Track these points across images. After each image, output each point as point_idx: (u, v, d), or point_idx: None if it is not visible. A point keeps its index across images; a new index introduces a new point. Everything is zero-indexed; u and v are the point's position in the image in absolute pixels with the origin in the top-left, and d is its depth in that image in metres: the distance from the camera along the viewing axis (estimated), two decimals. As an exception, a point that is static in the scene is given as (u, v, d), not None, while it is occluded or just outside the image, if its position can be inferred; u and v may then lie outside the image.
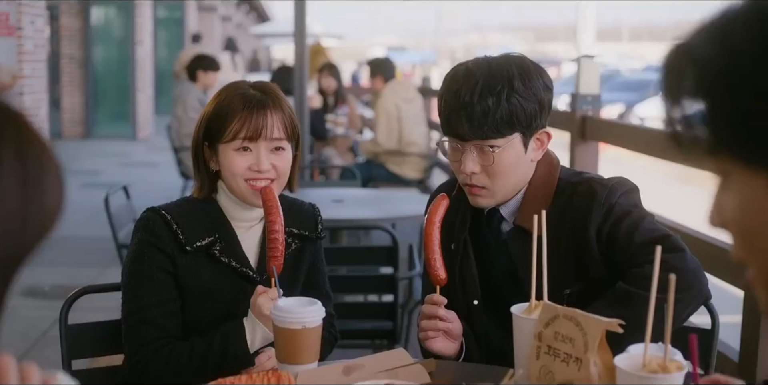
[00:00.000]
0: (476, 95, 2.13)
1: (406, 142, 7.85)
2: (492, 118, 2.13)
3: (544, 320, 1.71)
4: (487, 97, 2.13)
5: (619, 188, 2.18)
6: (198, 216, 2.29)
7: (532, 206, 2.21)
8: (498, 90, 2.14)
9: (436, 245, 2.16)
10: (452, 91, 2.18)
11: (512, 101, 2.14)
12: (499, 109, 2.13)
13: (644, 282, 1.96)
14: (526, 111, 2.16)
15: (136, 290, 2.24)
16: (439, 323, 2.16)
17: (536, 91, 2.18)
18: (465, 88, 2.15)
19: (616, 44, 76.56)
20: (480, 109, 2.12)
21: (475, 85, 2.14)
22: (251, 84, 2.33)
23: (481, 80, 2.15)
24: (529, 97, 2.16)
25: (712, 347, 2.33)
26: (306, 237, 2.43)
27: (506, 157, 2.19)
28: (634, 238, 2.11)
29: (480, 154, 2.19)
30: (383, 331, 3.66)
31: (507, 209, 2.29)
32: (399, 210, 4.58)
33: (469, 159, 2.19)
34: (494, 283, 2.33)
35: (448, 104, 2.19)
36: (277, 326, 1.87)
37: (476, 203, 2.26)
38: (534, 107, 2.17)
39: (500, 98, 2.13)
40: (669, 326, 1.48)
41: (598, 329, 1.61)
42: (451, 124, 2.19)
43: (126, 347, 2.25)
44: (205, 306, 2.27)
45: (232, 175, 2.26)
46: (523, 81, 2.16)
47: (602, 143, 4.95)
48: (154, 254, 2.24)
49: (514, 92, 2.14)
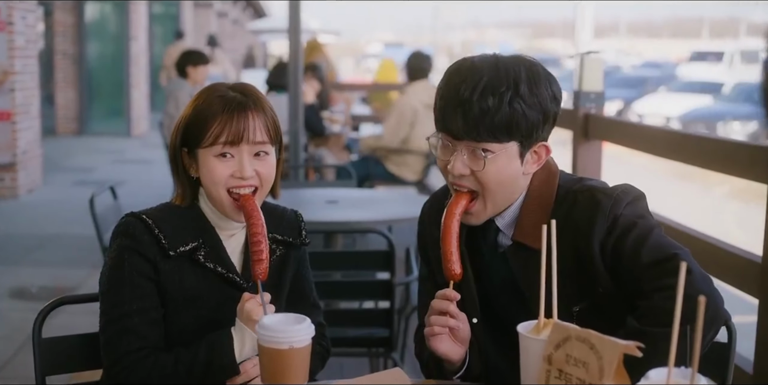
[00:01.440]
0: (477, 92, 1.96)
1: (410, 143, 7.66)
2: (490, 119, 1.96)
3: (555, 342, 1.56)
4: (488, 96, 1.96)
5: (624, 197, 2.01)
6: (180, 221, 2.17)
7: (531, 219, 2.06)
8: (501, 91, 1.97)
9: (455, 238, 2.01)
10: (452, 84, 2.01)
11: (514, 106, 1.97)
12: (499, 111, 1.96)
13: (655, 317, 1.85)
14: (528, 119, 1.98)
15: (116, 298, 2.10)
16: (450, 320, 2.00)
17: (542, 100, 2.00)
18: (466, 83, 1.98)
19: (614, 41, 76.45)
20: (478, 107, 1.96)
21: (477, 82, 1.97)
22: (230, 85, 2.20)
23: (485, 77, 1.98)
24: (533, 105, 1.99)
25: (729, 361, 2.19)
26: (290, 243, 2.31)
27: (499, 165, 2.01)
28: (641, 257, 1.94)
29: (471, 157, 2.02)
30: (379, 339, 3.54)
31: (503, 220, 2.12)
32: (395, 212, 4.44)
33: (459, 160, 2.02)
34: (492, 298, 2.17)
35: (445, 98, 2.03)
36: (263, 345, 1.72)
37: (468, 221, 2.08)
38: (537, 117, 2.00)
39: (502, 100, 1.96)
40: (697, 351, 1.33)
41: (614, 353, 1.46)
42: (445, 119, 2.02)
43: (105, 359, 2.11)
44: (188, 314, 2.15)
45: (213, 183, 2.13)
46: (530, 87, 1.99)
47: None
48: (134, 260, 2.11)
49: (518, 97, 1.97)
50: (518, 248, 2.09)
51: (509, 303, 2.13)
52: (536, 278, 1.78)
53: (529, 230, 2.06)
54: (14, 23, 9.95)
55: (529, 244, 2.05)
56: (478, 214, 2.07)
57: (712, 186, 13.52)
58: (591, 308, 2.01)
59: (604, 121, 4.71)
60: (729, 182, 12.55)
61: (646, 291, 1.91)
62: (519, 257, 2.08)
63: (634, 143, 4.33)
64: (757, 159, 3.12)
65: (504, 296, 2.14)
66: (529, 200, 2.10)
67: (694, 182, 13.68)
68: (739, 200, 12.98)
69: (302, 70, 6.35)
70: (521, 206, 2.10)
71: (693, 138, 3.77)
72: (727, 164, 3.38)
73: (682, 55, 45.51)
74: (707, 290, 1.88)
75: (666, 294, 1.87)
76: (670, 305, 1.80)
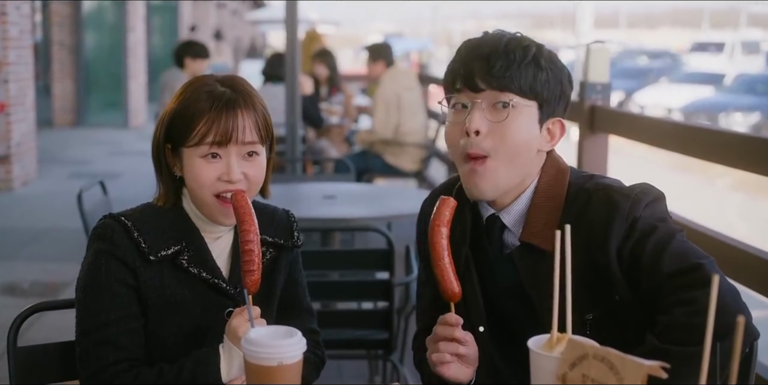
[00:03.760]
0: (501, 46, 1.88)
1: (404, 131, 7.62)
2: (516, 67, 1.87)
3: (570, 360, 1.41)
4: (514, 48, 1.88)
5: (643, 198, 1.86)
6: (162, 223, 2.01)
7: (540, 217, 1.92)
8: (526, 45, 1.90)
9: (446, 254, 1.83)
10: (471, 46, 1.93)
11: (540, 62, 1.90)
12: (524, 61, 1.88)
13: (677, 334, 1.71)
14: (549, 83, 1.91)
15: (93, 306, 1.96)
16: (460, 348, 1.84)
17: (560, 72, 1.94)
18: (487, 43, 1.91)
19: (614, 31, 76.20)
20: (505, 56, 1.87)
21: (499, 40, 1.90)
22: (219, 79, 2.03)
23: (505, 38, 1.91)
24: (554, 70, 1.92)
25: (750, 371, 2.05)
26: (281, 246, 2.15)
27: (519, 122, 1.89)
28: (662, 265, 1.79)
29: (491, 110, 1.89)
30: (378, 340, 3.41)
31: (509, 216, 1.97)
32: (395, 208, 4.30)
33: (477, 112, 1.88)
34: (497, 303, 2.01)
35: (462, 57, 1.92)
36: (249, 362, 1.57)
37: (474, 183, 1.91)
38: (557, 85, 1.92)
39: (527, 53, 1.89)
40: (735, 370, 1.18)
41: (637, 375, 1.31)
42: (464, 74, 1.90)
43: (81, 372, 1.96)
44: (171, 322, 2.00)
45: (198, 186, 1.97)
46: (551, 55, 1.93)
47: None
48: (112, 265, 1.96)
49: (542, 56, 1.90)
50: (526, 249, 1.94)
51: (515, 308, 1.99)
52: (545, 283, 1.65)
53: (537, 229, 1.92)
54: (8, 13, 9.81)
55: (537, 245, 1.91)
56: (485, 175, 1.90)
57: (713, 178, 13.39)
58: (605, 317, 1.87)
59: (610, 114, 4.55)
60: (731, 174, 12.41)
61: (667, 304, 1.77)
62: (527, 260, 1.94)
63: (643, 136, 4.17)
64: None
65: (510, 301, 2.00)
66: (537, 196, 1.95)
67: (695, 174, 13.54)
68: (741, 192, 12.86)
69: (299, 60, 6.20)
70: (529, 202, 1.95)
71: (704, 131, 3.62)
72: (743, 159, 3.22)
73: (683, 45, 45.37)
74: (735, 306, 1.74)
75: (689, 309, 1.73)
76: (695, 321, 1.68)
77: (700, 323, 1.70)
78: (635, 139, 4.24)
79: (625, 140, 4.55)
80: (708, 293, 1.70)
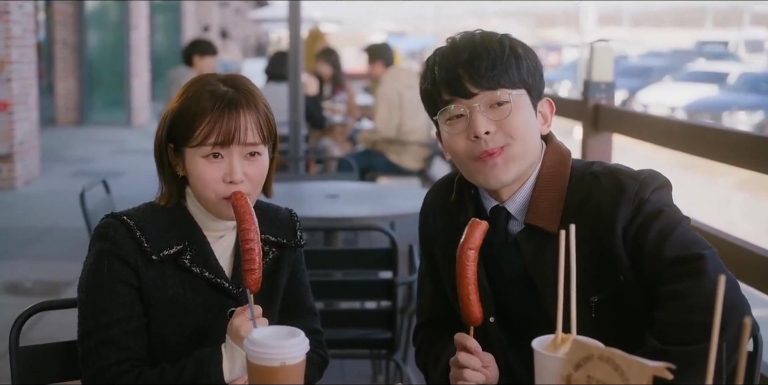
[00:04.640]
0: (478, 48, 1.91)
1: (406, 130, 7.61)
2: (500, 61, 1.90)
3: (575, 361, 1.40)
4: (489, 44, 1.92)
5: (651, 182, 1.88)
6: (164, 223, 2.01)
7: (545, 200, 1.94)
8: (499, 38, 1.95)
9: (473, 279, 1.80)
10: (445, 55, 1.96)
11: (516, 50, 1.94)
12: (504, 53, 1.91)
13: (675, 333, 1.71)
14: (530, 65, 1.95)
15: (95, 307, 1.95)
16: (485, 374, 1.84)
17: (535, 56, 1.99)
18: (462, 47, 1.93)
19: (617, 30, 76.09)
20: (486, 54, 1.90)
21: (472, 41, 1.94)
22: (221, 78, 2.02)
23: (477, 36, 1.96)
24: (531, 56, 1.96)
25: (755, 371, 2.04)
26: (284, 245, 2.14)
27: (521, 112, 1.92)
28: (664, 251, 1.80)
29: (491, 111, 1.91)
30: (381, 340, 3.41)
31: (514, 204, 1.97)
32: (398, 207, 4.29)
33: (480, 117, 1.90)
34: (503, 293, 2.01)
35: (443, 68, 1.94)
36: (252, 362, 1.56)
37: (496, 176, 1.92)
38: (537, 70, 1.97)
39: (503, 45, 1.93)
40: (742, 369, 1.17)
41: (643, 376, 1.31)
42: (450, 84, 1.92)
43: (83, 372, 1.96)
44: (173, 322, 1.99)
45: (203, 187, 1.97)
46: (521, 42, 1.98)
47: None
48: (114, 265, 1.95)
49: (515, 44, 1.95)
50: (530, 232, 1.95)
51: (521, 296, 1.99)
52: (549, 266, 1.68)
53: (543, 211, 1.94)
54: (11, 12, 9.80)
55: (542, 226, 1.92)
56: (507, 161, 1.92)
57: (717, 177, 13.36)
58: (610, 299, 1.88)
59: (614, 113, 4.54)
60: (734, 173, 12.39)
61: (663, 295, 1.77)
62: (531, 242, 1.95)
63: (647, 135, 4.16)
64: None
65: (515, 289, 2.00)
66: (541, 180, 1.97)
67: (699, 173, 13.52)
68: (744, 191, 12.83)
69: (302, 59, 6.20)
70: (533, 187, 1.97)
71: (708, 130, 3.61)
72: (746, 158, 3.21)
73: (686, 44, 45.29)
74: (734, 300, 1.73)
75: (682, 304, 1.74)
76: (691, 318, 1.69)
77: (695, 320, 1.70)
78: (639, 138, 4.23)
79: (629, 139, 4.54)
80: (701, 285, 1.72)
